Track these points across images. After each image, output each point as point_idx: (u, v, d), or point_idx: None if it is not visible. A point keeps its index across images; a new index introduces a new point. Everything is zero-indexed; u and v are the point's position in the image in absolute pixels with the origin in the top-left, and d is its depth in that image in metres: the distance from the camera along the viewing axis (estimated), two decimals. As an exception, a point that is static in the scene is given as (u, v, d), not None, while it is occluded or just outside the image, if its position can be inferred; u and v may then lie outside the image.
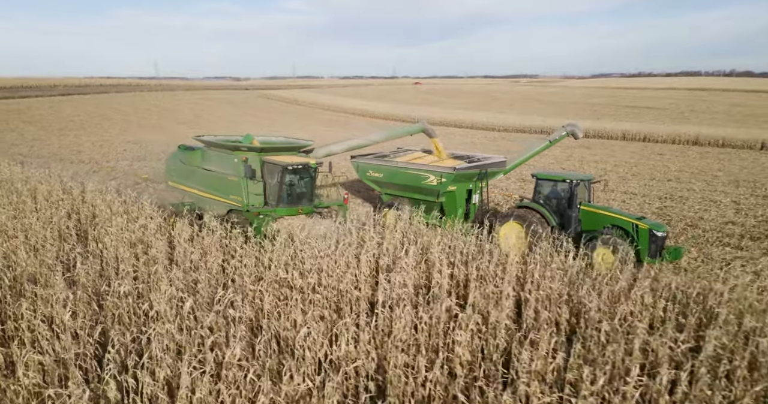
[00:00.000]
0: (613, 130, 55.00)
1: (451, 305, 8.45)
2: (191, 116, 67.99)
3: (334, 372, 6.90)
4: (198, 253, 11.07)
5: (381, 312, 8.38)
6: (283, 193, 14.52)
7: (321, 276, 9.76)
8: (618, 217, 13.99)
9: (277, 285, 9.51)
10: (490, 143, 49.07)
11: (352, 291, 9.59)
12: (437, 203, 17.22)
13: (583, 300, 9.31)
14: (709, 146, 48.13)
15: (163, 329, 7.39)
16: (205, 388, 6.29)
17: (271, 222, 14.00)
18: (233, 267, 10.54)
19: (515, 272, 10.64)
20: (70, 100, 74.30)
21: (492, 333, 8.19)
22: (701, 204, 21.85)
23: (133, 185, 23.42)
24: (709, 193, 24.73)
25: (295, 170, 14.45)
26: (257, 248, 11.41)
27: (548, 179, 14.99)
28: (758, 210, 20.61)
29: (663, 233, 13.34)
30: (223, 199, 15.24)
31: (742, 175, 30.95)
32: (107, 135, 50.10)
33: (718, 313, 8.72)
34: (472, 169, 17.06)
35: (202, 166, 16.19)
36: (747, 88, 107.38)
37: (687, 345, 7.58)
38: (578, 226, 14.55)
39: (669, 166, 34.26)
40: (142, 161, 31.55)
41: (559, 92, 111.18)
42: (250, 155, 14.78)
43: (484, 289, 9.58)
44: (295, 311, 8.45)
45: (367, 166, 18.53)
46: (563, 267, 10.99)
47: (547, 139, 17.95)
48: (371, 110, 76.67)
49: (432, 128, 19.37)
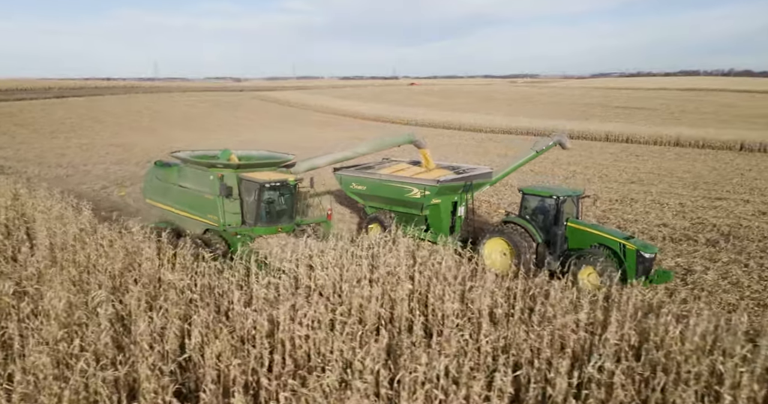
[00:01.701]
0: (597, 131, 55.47)
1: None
2: (183, 119, 68.73)
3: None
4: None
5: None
6: (261, 211, 13.97)
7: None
8: (605, 236, 13.44)
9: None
10: (475, 145, 49.58)
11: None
12: (422, 216, 16.77)
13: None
14: (690, 147, 48.53)
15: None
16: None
17: (248, 242, 13.56)
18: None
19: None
20: (64, 103, 75.17)
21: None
22: (647, 207, 22.39)
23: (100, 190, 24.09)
24: (664, 195, 25.26)
25: (273, 187, 13.96)
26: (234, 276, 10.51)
27: (534, 194, 14.41)
28: (698, 213, 21.18)
29: (651, 254, 12.91)
30: (200, 218, 14.69)
31: (710, 176, 31.47)
32: (98, 138, 50.83)
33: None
34: (457, 181, 16.53)
35: (178, 183, 15.69)
36: (740, 87, 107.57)
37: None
38: (564, 244, 14.03)
39: (640, 168, 34.78)
40: (119, 164, 32.24)
41: (552, 93, 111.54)
42: (226, 172, 14.26)
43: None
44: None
45: (350, 178, 17.99)
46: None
47: (534, 148, 17.23)
48: (363, 112, 77.30)
49: (422, 139, 18.53)
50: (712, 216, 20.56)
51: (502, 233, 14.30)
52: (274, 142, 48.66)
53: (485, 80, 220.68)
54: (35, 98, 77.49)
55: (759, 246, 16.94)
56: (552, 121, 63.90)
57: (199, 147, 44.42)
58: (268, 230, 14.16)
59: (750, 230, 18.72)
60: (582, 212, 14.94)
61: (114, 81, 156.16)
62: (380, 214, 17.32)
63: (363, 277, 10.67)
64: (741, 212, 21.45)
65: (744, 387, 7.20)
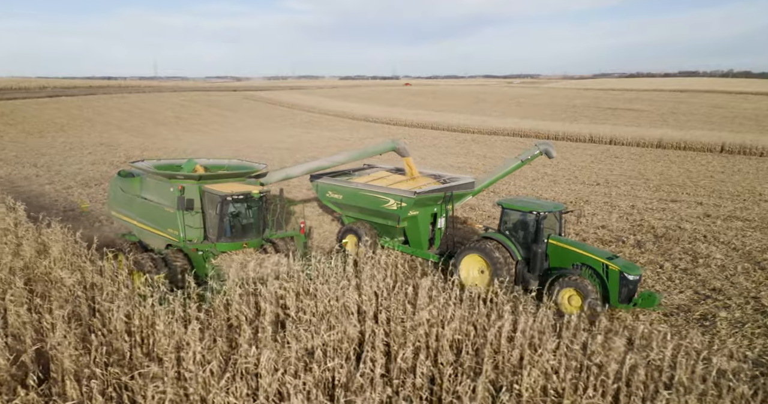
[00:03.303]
0: (581, 132, 55.80)
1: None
2: (172, 118, 69.26)
3: None
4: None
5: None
6: (224, 225, 13.11)
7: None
8: (587, 255, 12.74)
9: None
10: (457, 146, 49.93)
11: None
12: (399, 229, 16.06)
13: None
14: (672, 149, 48.83)
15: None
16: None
17: (210, 258, 12.81)
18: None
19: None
20: (57, 102, 75.64)
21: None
22: (597, 209, 22.78)
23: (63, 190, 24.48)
24: (622, 197, 25.67)
25: (237, 200, 13.10)
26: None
27: (514, 209, 13.62)
28: (644, 215, 21.53)
29: (636, 276, 12.10)
30: (161, 233, 13.90)
31: (679, 179, 31.81)
32: (86, 137, 51.45)
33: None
34: (437, 192, 15.74)
35: (140, 194, 14.82)
36: (733, 89, 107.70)
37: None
38: (545, 262, 13.32)
39: (614, 170, 35.14)
40: (94, 164, 32.70)
41: (544, 94, 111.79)
42: (187, 183, 13.33)
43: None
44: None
45: (326, 186, 17.29)
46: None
47: (519, 158, 16.58)
48: (351, 112, 77.74)
49: (405, 146, 17.80)
50: (657, 219, 20.92)
51: (480, 249, 13.56)
52: (253, 142, 49.29)
53: (481, 81, 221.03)
54: (29, 97, 77.99)
55: (684, 248, 17.36)
56: (538, 123, 64.31)
57: (178, 145, 45.26)
58: (232, 246, 13.26)
59: (683, 232, 19.12)
60: (564, 228, 14.36)
61: (115, 80, 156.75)
62: (356, 225, 16.57)
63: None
64: (688, 214, 21.85)
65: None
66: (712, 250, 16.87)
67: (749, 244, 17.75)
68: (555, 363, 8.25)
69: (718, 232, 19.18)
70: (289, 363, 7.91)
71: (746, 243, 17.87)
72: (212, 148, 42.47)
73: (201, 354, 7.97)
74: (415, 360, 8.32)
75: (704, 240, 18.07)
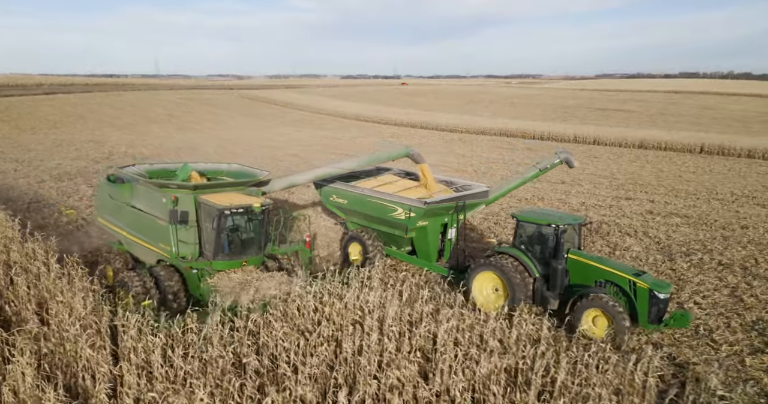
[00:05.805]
0: (565, 133, 56.48)
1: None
2: (164, 116, 70.17)
3: None
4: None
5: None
6: (222, 241, 11.91)
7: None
8: (612, 271, 11.73)
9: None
10: (442, 145, 50.53)
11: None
12: (406, 238, 15.18)
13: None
14: (653, 150, 49.43)
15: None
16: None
17: (206, 277, 11.84)
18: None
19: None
20: (52, 99, 76.63)
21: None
22: (549, 205, 23.48)
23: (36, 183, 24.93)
24: (579, 195, 26.31)
25: (236, 213, 11.90)
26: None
27: (530, 221, 12.59)
28: (589, 211, 22.26)
29: (667, 295, 11.21)
30: (152, 247, 12.60)
31: (648, 178, 32.45)
32: (77, 134, 52.31)
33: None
34: (449, 202, 14.81)
35: (131, 203, 13.41)
36: (727, 90, 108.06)
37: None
38: (565, 279, 12.28)
39: (586, 170, 35.74)
40: (75, 160, 33.53)
41: (538, 94, 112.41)
42: (181, 193, 12.02)
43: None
44: None
45: (329, 190, 16.36)
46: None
47: (537, 166, 15.60)
48: (344, 111, 78.57)
49: (419, 153, 16.86)
50: (600, 215, 21.67)
51: (494, 266, 12.52)
52: (243, 139, 50.03)
53: (482, 81, 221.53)
54: (25, 94, 79.02)
55: (608, 241, 18.07)
56: (527, 123, 64.96)
57: (168, 143, 46.03)
58: (230, 264, 12.11)
59: (617, 227, 19.80)
60: (582, 241, 13.58)
61: (117, 78, 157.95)
62: (361, 233, 15.59)
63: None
64: (632, 211, 22.57)
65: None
66: (633, 243, 17.57)
67: (673, 238, 18.43)
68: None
69: (650, 227, 19.87)
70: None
71: (672, 237, 18.56)
72: (201, 146, 43.27)
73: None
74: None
75: (633, 235, 18.79)
